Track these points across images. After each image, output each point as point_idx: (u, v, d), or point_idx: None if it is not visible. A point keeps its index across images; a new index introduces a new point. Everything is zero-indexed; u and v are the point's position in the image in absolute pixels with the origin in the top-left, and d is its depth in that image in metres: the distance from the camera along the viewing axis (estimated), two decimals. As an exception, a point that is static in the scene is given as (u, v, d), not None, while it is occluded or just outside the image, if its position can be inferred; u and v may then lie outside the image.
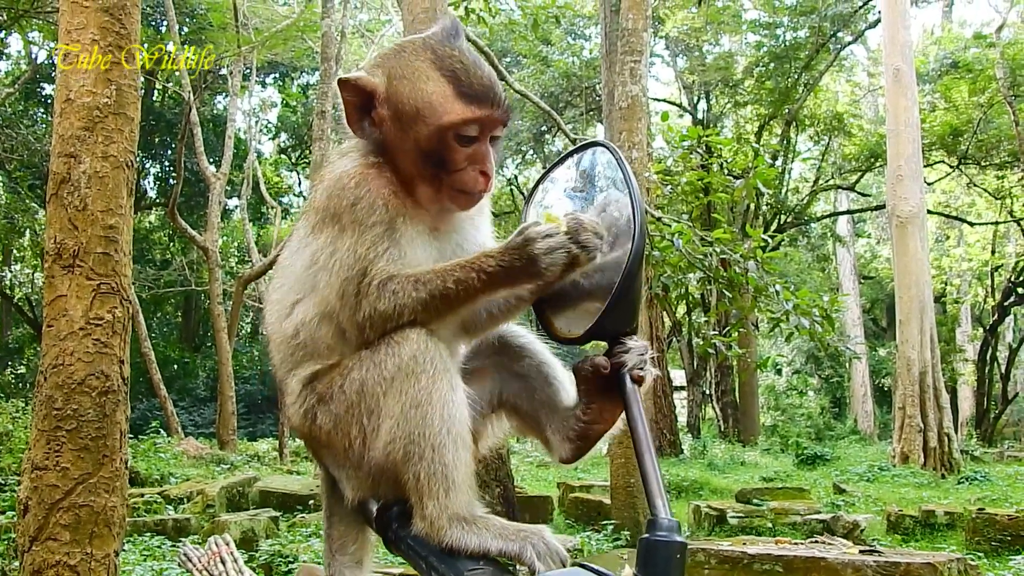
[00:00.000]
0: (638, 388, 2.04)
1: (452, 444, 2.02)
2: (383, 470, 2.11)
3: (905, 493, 18.94)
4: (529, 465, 25.83)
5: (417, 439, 2.01)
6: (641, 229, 1.98)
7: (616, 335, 2.07)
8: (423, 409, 2.02)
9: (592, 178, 2.27)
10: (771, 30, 33.52)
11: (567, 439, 2.25)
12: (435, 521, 2.01)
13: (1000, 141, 32.62)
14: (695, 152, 14.08)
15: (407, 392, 2.03)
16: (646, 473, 1.82)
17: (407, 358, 2.04)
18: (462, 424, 2.05)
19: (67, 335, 5.25)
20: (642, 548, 1.72)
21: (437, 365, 2.04)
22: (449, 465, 2.01)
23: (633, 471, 12.49)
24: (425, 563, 2.00)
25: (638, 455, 1.85)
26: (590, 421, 2.20)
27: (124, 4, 5.64)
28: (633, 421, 1.94)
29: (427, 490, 2.02)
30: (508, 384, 2.38)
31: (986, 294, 40.03)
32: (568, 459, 2.28)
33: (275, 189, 40.60)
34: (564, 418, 2.26)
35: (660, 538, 1.71)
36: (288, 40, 29.94)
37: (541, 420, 2.31)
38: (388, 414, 2.05)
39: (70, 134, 5.42)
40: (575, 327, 2.11)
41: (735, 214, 29.21)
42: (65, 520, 5.08)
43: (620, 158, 2.16)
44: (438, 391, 2.03)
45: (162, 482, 17.52)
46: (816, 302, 12.07)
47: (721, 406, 34.64)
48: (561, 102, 33.09)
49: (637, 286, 2.00)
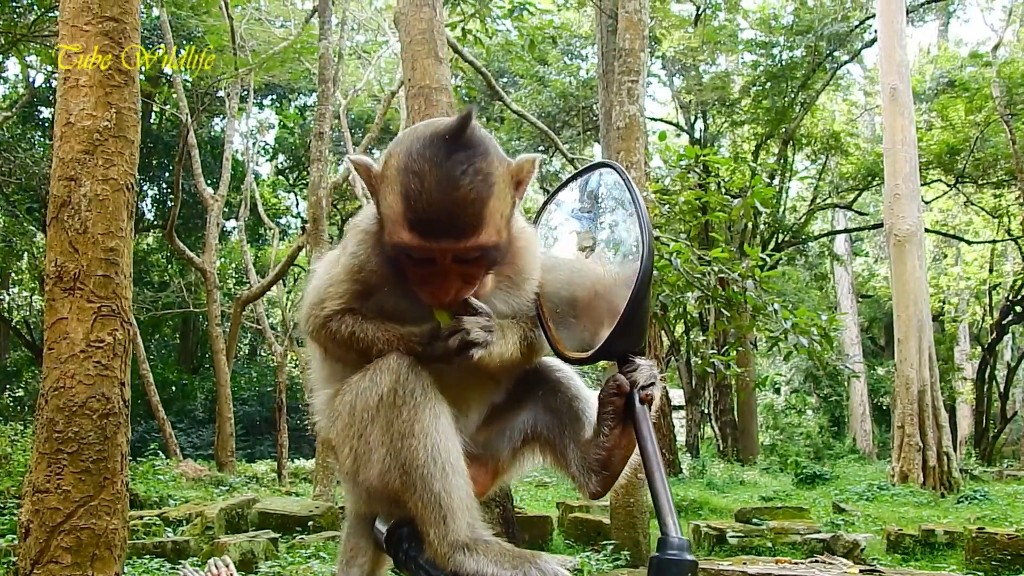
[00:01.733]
0: (647, 408, 2.04)
1: (440, 473, 2.02)
2: (379, 493, 2.14)
3: (905, 512, 18.91)
4: (528, 485, 25.77)
5: (408, 470, 2.02)
6: (649, 249, 1.98)
7: (625, 355, 2.07)
8: (408, 441, 2.02)
9: (599, 199, 2.27)
10: (767, 49, 33.58)
11: (591, 471, 2.23)
12: (437, 548, 2.02)
13: (997, 160, 32.66)
14: (693, 171, 14.10)
15: (392, 423, 2.04)
16: (656, 492, 1.82)
17: (387, 390, 2.05)
18: (447, 452, 2.05)
19: (68, 358, 5.26)
20: (653, 567, 1.72)
21: (417, 396, 2.05)
22: (440, 494, 2.02)
23: (633, 491, 12.47)
24: None
25: (648, 474, 1.85)
26: (611, 448, 2.18)
27: (124, 28, 5.67)
28: (643, 440, 1.94)
29: (425, 518, 2.03)
30: (541, 418, 2.37)
31: (984, 313, 40.03)
32: (597, 492, 2.25)
33: (273, 210, 40.62)
34: (586, 451, 2.25)
35: (671, 557, 1.71)
36: (285, 62, 29.93)
37: (567, 456, 2.30)
38: (377, 443, 2.07)
39: (70, 157, 5.44)
40: (583, 347, 2.12)
41: (733, 233, 29.17)
42: (67, 543, 5.08)
43: (627, 179, 2.14)
44: (420, 422, 2.03)
45: (161, 504, 17.49)
46: (814, 321, 12.07)
47: (720, 425, 34.57)
48: (558, 122, 33.12)
49: (645, 306, 2.01)
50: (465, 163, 2.02)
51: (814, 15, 31.87)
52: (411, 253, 2.06)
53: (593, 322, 2.14)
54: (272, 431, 31.31)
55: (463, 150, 2.03)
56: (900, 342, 23.93)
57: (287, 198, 45.03)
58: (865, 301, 46.59)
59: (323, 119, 20.28)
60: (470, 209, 2.02)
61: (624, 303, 1.99)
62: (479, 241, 2.04)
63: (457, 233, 2.02)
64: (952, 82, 33.06)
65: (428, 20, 12.25)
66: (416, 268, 2.08)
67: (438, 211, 2.01)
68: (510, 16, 19.06)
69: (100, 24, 5.57)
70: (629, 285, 1.99)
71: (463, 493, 2.05)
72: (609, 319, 2.05)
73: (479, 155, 2.03)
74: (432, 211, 2.01)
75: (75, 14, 5.60)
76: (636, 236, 2.05)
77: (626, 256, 2.09)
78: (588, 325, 2.16)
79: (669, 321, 16.59)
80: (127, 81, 5.65)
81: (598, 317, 2.12)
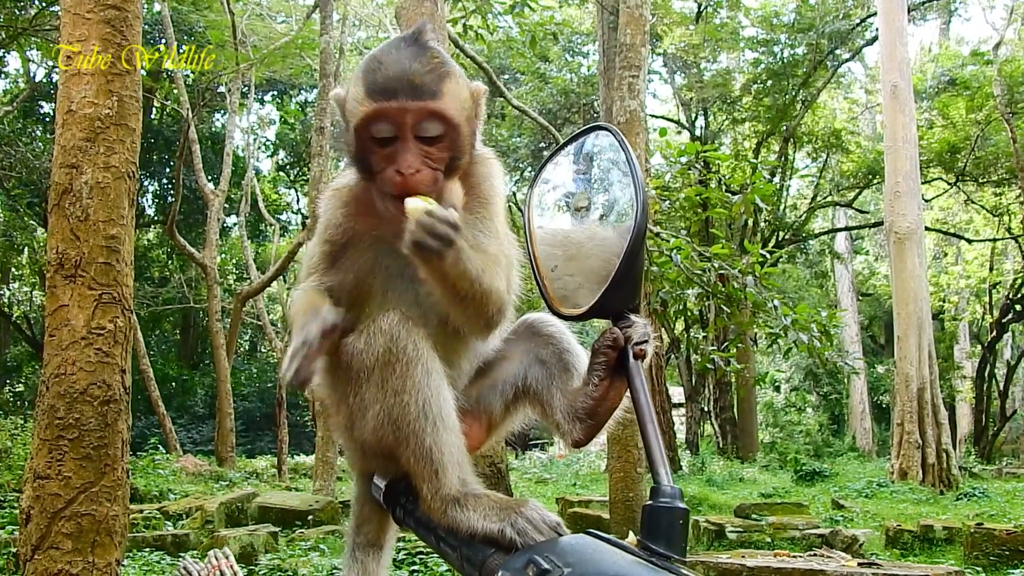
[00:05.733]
0: (640, 363, 2.07)
1: (431, 428, 2.05)
2: (374, 449, 2.17)
3: (904, 509, 18.93)
4: (528, 481, 25.82)
5: (400, 425, 2.05)
6: (643, 207, 2.00)
7: (619, 311, 2.10)
8: (400, 397, 2.05)
9: (594, 161, 2.30)
10: (769, 47, 33.59)
11: (576, 419, 2.26)
12: (431, 503, 2.05)
13: (998, 158, 32.68)
14: (693, 168, 14.11)
15: (386, 381, 2.07)
16: (649, 443, 1.84)
17: (382, 349, 2.08)
18: (439, 407, 2.07)
19: (69, 345, 5.27)
20: (646, 514, 1.74)
21: (410, 352, 2.07)
22: (431, 449, 2.05)
23: (632, 486, 12.47)
24: (434, 535, 2.04)
25: (641, 425, 1.88)
26: (599, 397, 2.21)
27: (126, 16, 5.68)
28: (636, 393, 1.97)
29: (417, 473, 2.06)
30: (531, 370, 2.39)
31: (984, 311, 40.02)
32: (580, 440, 2.28)
33: (273, 206, 40.70)
34: (573, 399, 2.28)
35: (663, 504, 1.74)
36: (287, 57, 29.98)
37: (553, 404, 2.32)
38: (372, 400, 2.09)
39: (72, 145, 5.45)
40: (577, 303, 2.14)
41: (733, 230, 29.21)
42: (67, 529, 5.09)
43: (622, 140, 2.16)
44: (412, 378, 2.06)
45: (161, 498, 17.52)
46: (814, 317, 12.09)
47: (720, 423, 34.59)
48: (559, 118, 33.12)
49: (639, 263, 2.03)
50: (423, 49, 2.14)
51: (816, 13, 31.87)
52: (372, 129, 2.11)
53: (588, 279, 2.16)
54: (272, 427, 31.33)
55: (421, 45, 2.15)
56: (900, 340, 23.95)
57: (288, 194, 45.10)
58: (865, 299, 46.63)
59: (324, 114, 20.28)
60: (428, 76, 2.10)
61: (618, 260, 2.01)
62: (437, 106, 2.11)
63: (415, 93, 2.08)
64: (953, 80, 33.07)
65: (429, 15, 12.22)
66: (380, 154, 2.13)
67: (396, 76, 2.09)
68: (511, 12, 19.03)
69: (103, 12, 5.57)
70: (624, 242, 2.01)
71: (454, 448, 2.09)
72: (604, 277, 2.07)
73: (436, 50, 2.14)
74: (390, 77, 2.09)
75: (77, 2, 5.61)
76: (630, 195, 2.07)
77: (621, 215, 2.11)
78: (583, 282, 2.18)
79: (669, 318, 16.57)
80: (128, 70, 5.66)
81: (593, 275, 2.14)
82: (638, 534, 1.75)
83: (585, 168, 2.32)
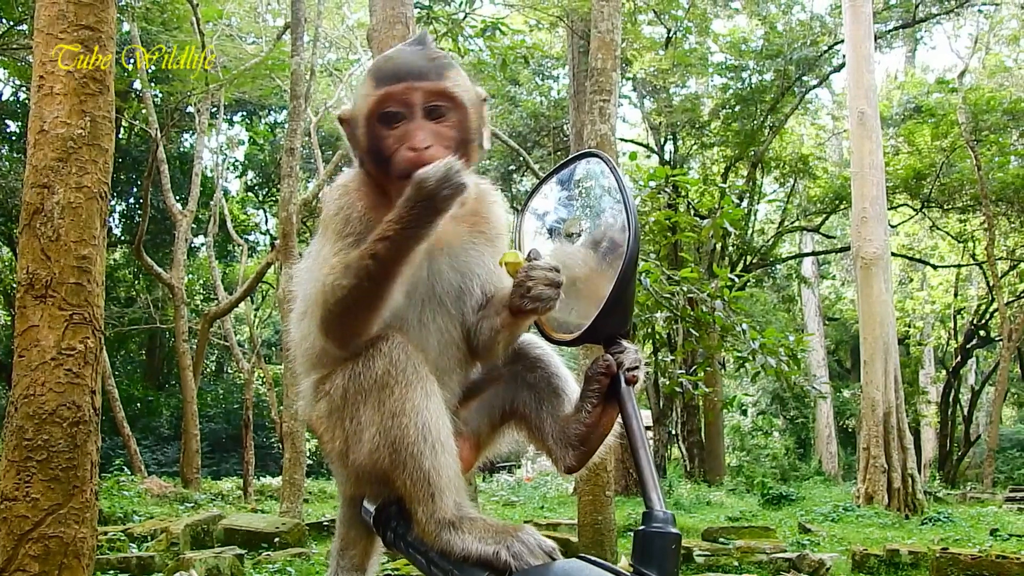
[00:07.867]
0: (632, 388, 2.08)
1: (430, 451, 2.06)
2: (368, 472, 2.16)
3: (870, 533, 19.01)
4: (495, 504, 25.74)
5: (398, 448, 2.06)
6: (635, 234, 2.03)
7: (611, 336, 2.11)
8: (399, 419, 2.06)
9: (586, 187, 2.32)
10: (737, 73, 33.80)
11: (568, 445, 2.29)
12: (425, 526, 2.05)
13: (962, 185, 33.02)
14: (662, 192, 14.17)
15: (384, 403, 2.08)
16: (641, 468, 1.87)
17: (381, 371, 2.09)
18: (438, 430, 2.09)
19: (38, 365, 5.23)
20: (638, 539, 1.76)
21: (409, 375, 2.09)
22: (430, 471, 2.05)
23: (601, 509, 12.47)
24: (425, 559, 2.04)
25: (633, 450, 1.90)
26: (591, 424, 2.23)
27: (99, 36, 5.67)
28: (628, 419, 1.99)
29: (413, 496, 2.07)
30: (520, 393, 2.42)
31: (949, 337, 40.39)
32: (573, 466, 2.31)
33: (242, 227, 40.47)
34: (565, 425, 2.30)
35: (656, 529, 1.76)
36: (256, 78, 29.89)
37: (544, 429, 2.35)
38: (369, 422, 2.10)
39: (44, 165, 5.42)
40: (569, 328, 2.16)
41: (702, 254, 29.35)
42: (34, 551, 5.04)
43: (613, 166, 2.20)
44: (411, 401, 2.07)
45: (125, 520, 17.32)
46: (782, 341, 12.15)
47: (687, 446, 34.61)
48: (529, 141, 33.22)
49: (631, 289, 2.06)
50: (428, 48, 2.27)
51: (783, 40, 32.14)
52: (385, 109, 2.20)
53: (580, 305, 2.18)
54: (238, 448, 31.16)
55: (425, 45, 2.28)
56: (866, 364, 24.08)
57: (256, 215, 44.88)
58: (832, 324, 46.92)
59: (294, 135, 20.23)
60: (433, 64, 2.22)
61: (611, 286, 2.03)
62: (444, 84, 2.21)
63: (422, 74, 2.19)
64: (919, 107, 33.39)
65: (401, 38, 12.22)
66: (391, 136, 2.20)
67: (403, 64, 2.21)
68: (482, 36, 19.10)
69: (76, 32, 5.55)
70: (615, 268, 2.03)
71: (451, 471, 2.10)
72: (596, 302, 2.08)
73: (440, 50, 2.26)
74: (398, 65, 2.22)
75: (50, 22, 5.59)
76: (622, 221, 2.09)
77: (613, 241, 2.13)
78: (575, 308, 2.20)
79: (638, 341, 16.62)
80: (102, 89, 5.64)
81: (585, 300, 2.16)
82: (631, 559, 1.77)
83: (576, 194, 2.34)
